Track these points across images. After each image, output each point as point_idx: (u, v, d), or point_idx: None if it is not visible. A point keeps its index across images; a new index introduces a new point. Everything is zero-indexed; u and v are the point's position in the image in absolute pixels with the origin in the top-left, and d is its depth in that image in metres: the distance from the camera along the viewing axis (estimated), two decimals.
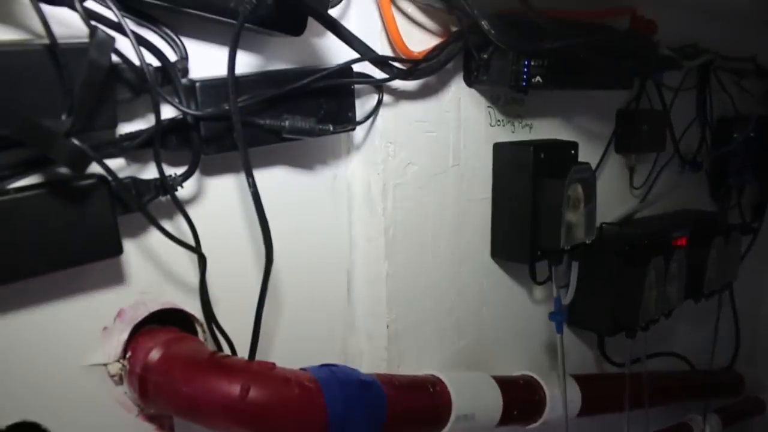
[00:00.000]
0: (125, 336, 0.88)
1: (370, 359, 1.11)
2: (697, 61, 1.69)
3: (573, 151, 1.25)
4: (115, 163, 0.80)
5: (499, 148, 1.22)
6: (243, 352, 0.88)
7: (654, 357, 1.71)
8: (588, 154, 1.45)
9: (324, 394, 0.83)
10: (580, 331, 1.54)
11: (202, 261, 0.85)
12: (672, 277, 1.54)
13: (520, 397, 1.23)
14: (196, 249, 0.85)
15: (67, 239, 0.73)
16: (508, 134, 1.25)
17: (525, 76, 1.12)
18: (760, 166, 2.11)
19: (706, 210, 1.86)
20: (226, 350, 0.88)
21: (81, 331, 0.84)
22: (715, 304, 1.90)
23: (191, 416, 0.81)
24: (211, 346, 0.90)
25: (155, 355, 0.85)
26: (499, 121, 1.23)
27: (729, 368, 2.11)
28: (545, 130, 1.33)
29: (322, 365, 0.89)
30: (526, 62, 1.11)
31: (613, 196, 1.58)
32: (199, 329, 0.94)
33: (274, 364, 0.84)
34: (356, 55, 0.96)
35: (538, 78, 1.15)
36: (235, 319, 0.89)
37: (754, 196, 2.20)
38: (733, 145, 1.89)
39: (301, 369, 0.87)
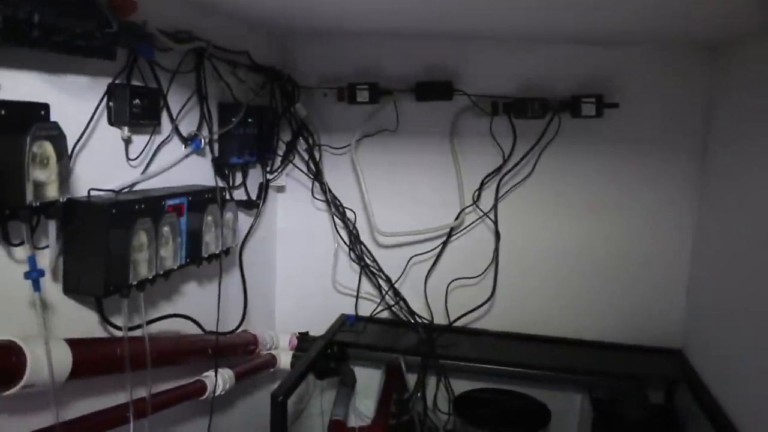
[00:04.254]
0: None
1: None
2: (188, 46, 1.86)
3: (43, 112, 1.27)
4: None
5: None
6: None
7: (159, 320, 1.83)
8: (76, 122, 1.48)
9: None
10: (81, 298, 1.57)
11: None
12: (165, 240, 1.67)
13: None
14: None
15: None
16: None
17: None
18: (260, 151, 2.42)
19: (207, 185, 2.05)
20: None
21: None
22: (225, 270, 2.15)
23: None
24: None
25: None
26: None
27: (239, 328, 2.35)
28: (20, 93, 1.29)
29: None
30: None
31: (109, 166, 1.64)
32: None
33: None
34: None
35: None
36: None
37: (258, 177, 2.51)
38: (230, 127, 2.12)
39: None
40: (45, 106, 1.28)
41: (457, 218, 2.63)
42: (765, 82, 1.90)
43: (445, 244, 2.67)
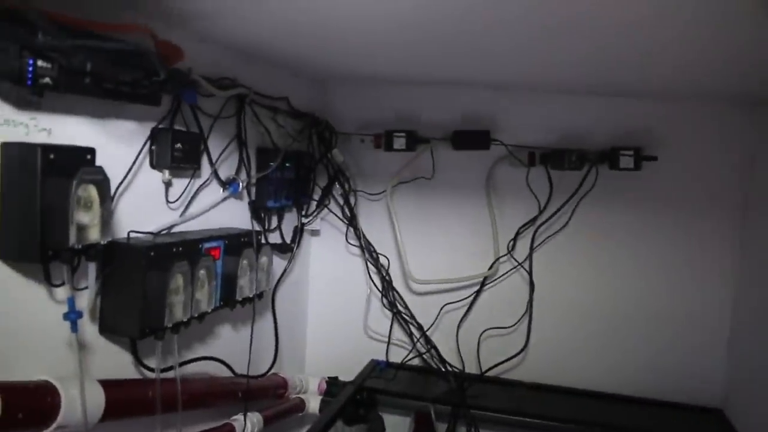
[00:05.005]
0: None
1: None
2: (230, 92, 1.90)
3: (89, 156, 1.30)
4: None
5: (6, 148, 1.20)
6: None
7: (191, 362, 1.84)
8: (119, 165, 1.52)
9: None
10: (116, 339, 1.58)
11: None
12: (201, 283, 1.68)
13: (25, 401, 1.21)
14: None
15: None
16: (20, 135, 1.24)
17: (30, 75, 1.14)
18: (296, 195, 2.44)
19: (244, 228, 2.06)
20: None
21: None
22: (258, 313, 2.15)
23: None
24: None
25: None
26: (9, 120, 1.22)
27: (270, 371, 2.34)
28: (68, 136, 1.35)
29: None
30: (30, 60, 1.14)
31: (150, 209, 1.67)
32: None
33: None
34: None
35: (47, 79, 1.18)
36: None
37: (293, 221, 2.53)
38: (268, 172, 2.15)
39: None
40: (91, 150, 1.31)
41: (491, 267, 2.61)
42: None
43: (478, 293, 2.65)
